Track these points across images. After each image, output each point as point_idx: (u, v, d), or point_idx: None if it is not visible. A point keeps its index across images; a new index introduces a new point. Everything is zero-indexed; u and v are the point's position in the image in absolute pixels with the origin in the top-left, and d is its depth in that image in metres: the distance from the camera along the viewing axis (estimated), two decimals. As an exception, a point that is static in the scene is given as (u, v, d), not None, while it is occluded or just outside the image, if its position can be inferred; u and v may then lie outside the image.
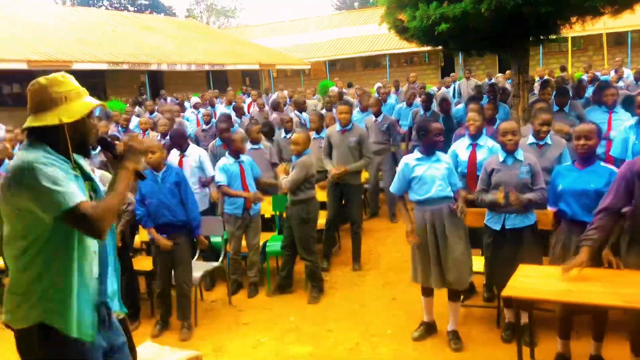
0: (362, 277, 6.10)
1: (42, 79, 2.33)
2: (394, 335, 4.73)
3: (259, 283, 5.93)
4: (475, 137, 5.19)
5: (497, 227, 4.29)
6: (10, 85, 16.56)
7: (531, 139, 4.89)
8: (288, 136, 7.42)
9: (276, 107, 10.19)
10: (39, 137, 2.31)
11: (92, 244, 2.42)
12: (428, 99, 8.95)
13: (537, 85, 10.14)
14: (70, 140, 2.34)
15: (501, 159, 4.31)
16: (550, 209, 3.99)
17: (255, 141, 6.65)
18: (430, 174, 4.35)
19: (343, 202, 6.52)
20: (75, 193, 2.18)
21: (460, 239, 4.35)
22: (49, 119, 2.29)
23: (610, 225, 3.42)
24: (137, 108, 13.30)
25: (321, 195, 6.40)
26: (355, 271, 6.29)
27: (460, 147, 5.27)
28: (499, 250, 4.28)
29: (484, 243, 4.50)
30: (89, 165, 2.63)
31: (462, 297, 5.01)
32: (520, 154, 4.28)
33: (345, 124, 6.44)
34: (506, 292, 3.34)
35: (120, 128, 10.17)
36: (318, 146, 6.87)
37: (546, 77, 12.64)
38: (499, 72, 19.01)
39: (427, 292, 4.58)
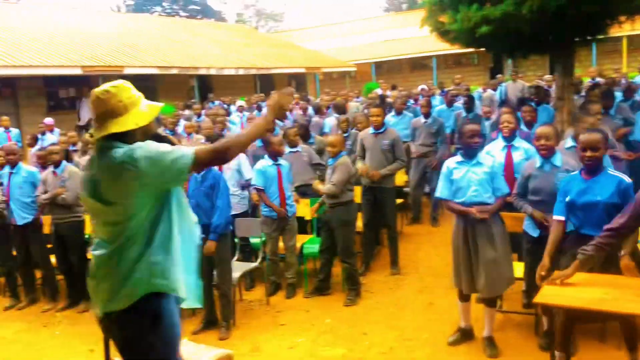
0: (400, 281, 6.09)
1: (110, 88, 2.47)
2: (430, 340, 4.70)
3: (296, 284, 6.01)
4: (509, 139, 5.11)
5: (535, 234, 4.22)
6: (67, 89, 17.23)
7: (570, 142, 4.77)
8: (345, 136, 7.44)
9: (318, 110, 10.27)
10: (112, 139, 2.45)
11: (191, 213, 2.65)
12: (470, 100, 8.84)
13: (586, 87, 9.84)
14: (139, 139, 2.50)
15: (538, 164, 4.23)
16: (556, 217, 3.78)
17: (293, 144, 6.73)
18: (467, 178, 4.29)
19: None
20: (183, 147, 2.44)
21: (493, 246, 4.24)
22: (127, 124, 2.45)
23: (614, 245, 3.29)
24: (187, 111, 13.63)
25: (357, 198, 6.42)
26: (393, 275, 6.28)
27: (495, 149, 5.17)
28: (538, 256, 4.18)
29: (524, 249, 4.42)
30: None
31: (498, 303, 4.96)
32: (558, 159, 4.18)
33: (377, 126, 6.39)
34: (538, 299, 3.28)
35: (167, 130, 10.46)
36: None
37: (597, 78, 12.26)
38: (549, 74, 18.52)
39: (463, 296, 4.53)
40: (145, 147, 2.39)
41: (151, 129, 2.61)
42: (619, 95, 8.52)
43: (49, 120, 12.39)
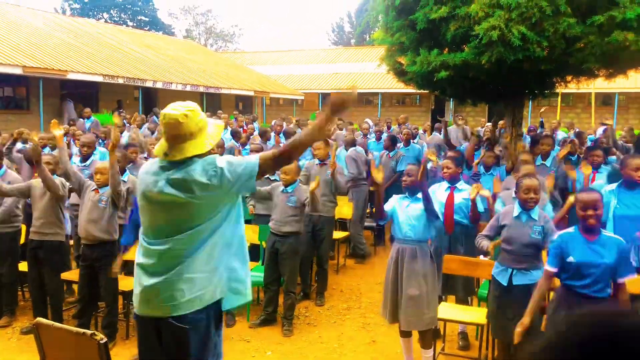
0: (342, 316, 6.03)
1: (187, 112, 2.57)
2: (373, 379, 4.66)
3: (237, 312, 5.83)
4: (452, 181, 5.27)
5: (504, 282, 4.16)
6: (1, 88, 16.42)
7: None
8: None
9: (262, 134, 10.23)
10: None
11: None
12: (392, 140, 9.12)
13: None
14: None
15: (515, 214, 4.18)
16: (549, 268, 3.71)
17: None
18: (404, 214, 4.47)
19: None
20: (247, 157, 2.65)
21: (418, 283, 4.36)
22: (203, 146, 2.60)
23: None
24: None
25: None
26: (318, 306, 6.30)
27: (439, 189, 5.35)
28: (505, 305, 4.15)
29: (491, 295, 4.39)
30: None
31: (440, 345, 5.00)
32: (535, 213, 4.14)
33: (321, 158, 6.67)
34: None
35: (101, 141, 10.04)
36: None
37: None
38: (488, 121, 19.27)
39: (404, 332, 4.59)
40: (223, 159, 2.59)
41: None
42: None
43: None
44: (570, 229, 3.72)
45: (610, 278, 3.53)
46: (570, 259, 3.59)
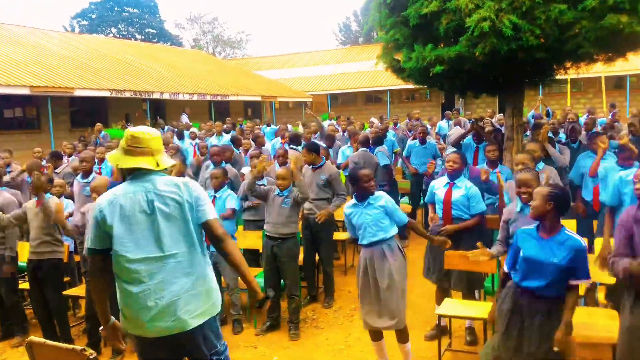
0: (350, 317, 6.02)
1: (154, 130, 3.01)
2: (378, 379, 4.63)
3: (243, 320, 5.85)
4: (452, 177, 5.23)
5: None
6: (12, 109, 16.68)
7: None
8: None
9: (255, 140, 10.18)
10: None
11: None
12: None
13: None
14: None
15: (517, 209, 4.23)
16: (505, 270, 3.69)
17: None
18: (361, 221, 4.46)
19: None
20: (210, 206, 3.07)
21: (387, 280, 4.35)
22: (166, 161, 2.97)
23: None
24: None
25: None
26: (326, 308, 6.31)
27: (439, 184, 5.35)
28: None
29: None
30: None
31: (447, 341, 4.95)
32: None
33: (311, 163, 6.51)
34: None
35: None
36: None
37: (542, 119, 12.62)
38: (500, 112, 19.13)
39: (374, 336, 4.63)
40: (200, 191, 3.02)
41: None
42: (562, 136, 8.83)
43: None
44: (531, 226, 3.54)
45: (564, 280, 3.32)
46: (521, 253, 3.45)
